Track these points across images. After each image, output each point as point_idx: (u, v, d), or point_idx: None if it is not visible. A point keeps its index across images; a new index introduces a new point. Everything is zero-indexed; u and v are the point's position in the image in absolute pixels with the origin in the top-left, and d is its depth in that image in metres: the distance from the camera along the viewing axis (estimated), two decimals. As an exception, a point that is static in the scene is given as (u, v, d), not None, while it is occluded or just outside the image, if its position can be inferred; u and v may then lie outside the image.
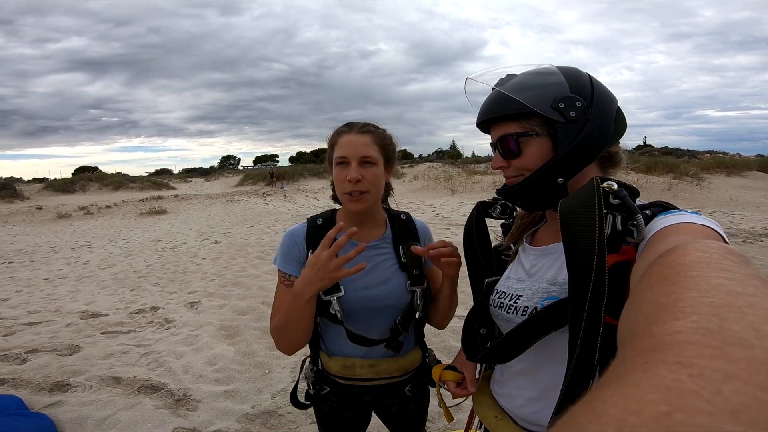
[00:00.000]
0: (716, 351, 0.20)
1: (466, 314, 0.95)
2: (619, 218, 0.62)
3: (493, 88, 0.81)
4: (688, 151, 23.56)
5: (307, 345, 1.17)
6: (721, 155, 20.67)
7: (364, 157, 1.04)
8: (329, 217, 1.17)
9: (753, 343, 0.21)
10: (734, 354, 0.20)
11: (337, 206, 1.21)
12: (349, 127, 1.09)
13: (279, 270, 1.13)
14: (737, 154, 23.28)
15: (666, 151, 22.61)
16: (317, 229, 1.13)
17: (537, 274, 0.82)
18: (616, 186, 0.63)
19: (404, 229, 1.18)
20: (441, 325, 1.20)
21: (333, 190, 1.16)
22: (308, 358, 1.24)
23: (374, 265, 1.12)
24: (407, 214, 1.22)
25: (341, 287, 1.08)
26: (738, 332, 0.22)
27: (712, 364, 0.19)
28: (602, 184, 0.63)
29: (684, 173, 13.50)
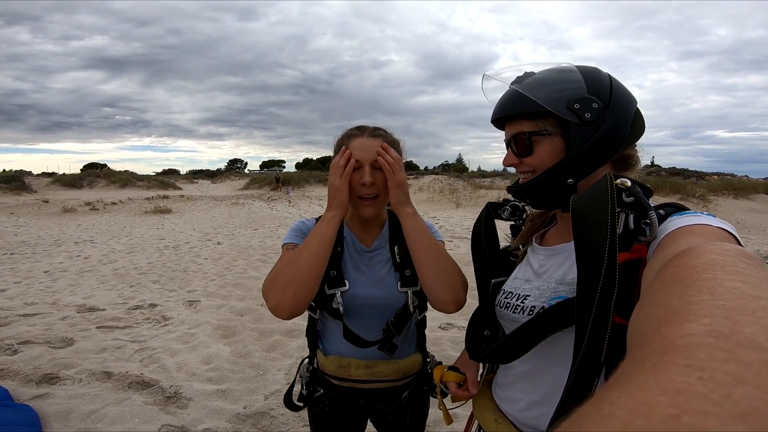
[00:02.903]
0: (728, 354, 0.20)
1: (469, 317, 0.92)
2: (631, 217, 0.61)
3: (510, 86, 0.79)
4: (696, 172, 23.42)
5: (302, 347, 1.15)
6: (729, 177, 20.53)
7: (376, 161, 1.04)
8: None
9: (765, 346, 0.20)
10: (746, 357, 0.20)
11: None
12: (361, 131, 1.07)
13: (285, 245, 1.09)
14: (745, 176, 23.10)
15: (673, 172, 22.51)
16: None
17: (545, 274, 0.80)
18: (629, 183, 0.62)
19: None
20: (435, 290, 1.00)
21: None
22: (306, 359, 1.21)
23: (373, 267, 1.11)
24: None
25: (346, 282, 1.07)
26: (751, 335, 0.21)
27: (722, 368, 0.19)
28: (616, 180, 0.61)
29: (691, 194, 13.40)
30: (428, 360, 1.20)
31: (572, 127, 0.72)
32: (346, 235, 1.14)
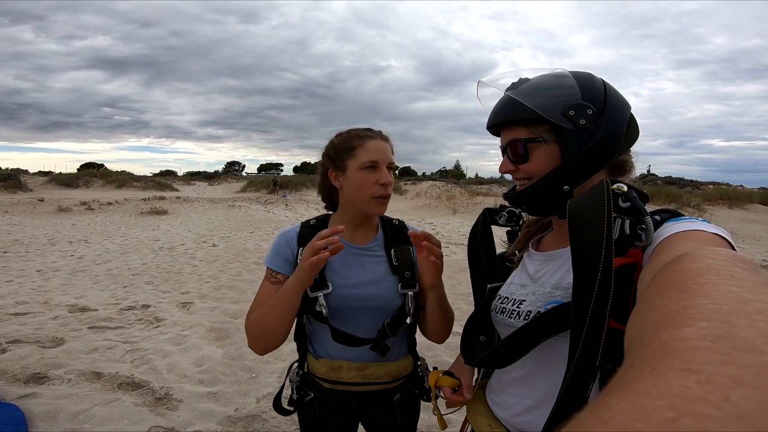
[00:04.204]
0: (725, 357, 0.20)
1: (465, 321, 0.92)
2: (627, 222, 0.62)
3: (505, 92, 0.79)
4: (692, 181, 23.59)
5: (296, 349, 1.17)
6: (724, 186, 20.64)
7: (391, 162, 1.08)
8: (322, 219, 1.18)
9: (762, 349, 0.20)
10: (743, 360, 0.20)
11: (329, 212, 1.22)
12: (373, 132, 1.10)
13: (267, 267, 1.12)
14: (740, 185, 23.22)
15: (669, 181, 22.67)
16: (309, 228, 1.14)
17: (541, 279, 0.80)
18: (625, 188, 0.62)
19: (396, 233, 1.18)
20: (435, 336, 1.15)
21: (325, 198, 1.18)
22: (296, 362, 1.20)
23: (365, 266, 1.11)
24: (400, 221, 1.23)
25: (329, 284, 1.06)
26: (747, 338, 0.21)
27: (720, 371, 0.19)
28: (612, 186, 0.61)
29: (686, 204, 13.49)
30: (419, 363, 1.20)
31: (567, 133, 0.72)
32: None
